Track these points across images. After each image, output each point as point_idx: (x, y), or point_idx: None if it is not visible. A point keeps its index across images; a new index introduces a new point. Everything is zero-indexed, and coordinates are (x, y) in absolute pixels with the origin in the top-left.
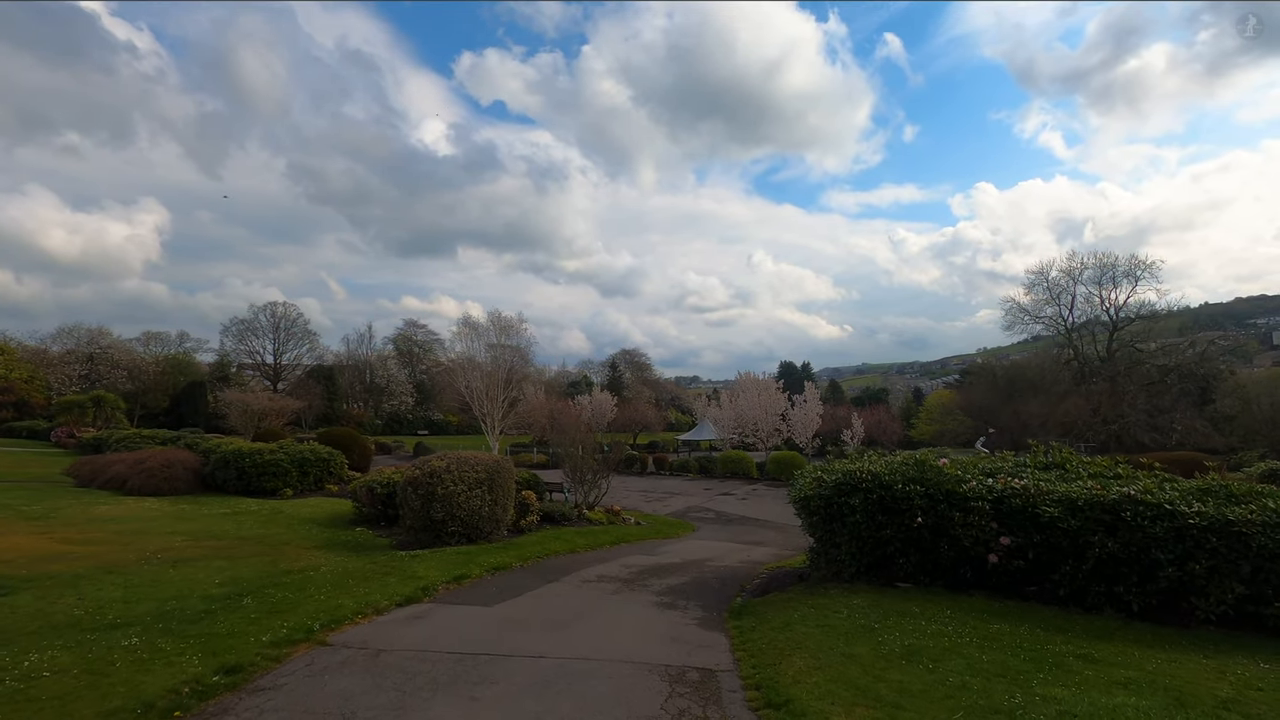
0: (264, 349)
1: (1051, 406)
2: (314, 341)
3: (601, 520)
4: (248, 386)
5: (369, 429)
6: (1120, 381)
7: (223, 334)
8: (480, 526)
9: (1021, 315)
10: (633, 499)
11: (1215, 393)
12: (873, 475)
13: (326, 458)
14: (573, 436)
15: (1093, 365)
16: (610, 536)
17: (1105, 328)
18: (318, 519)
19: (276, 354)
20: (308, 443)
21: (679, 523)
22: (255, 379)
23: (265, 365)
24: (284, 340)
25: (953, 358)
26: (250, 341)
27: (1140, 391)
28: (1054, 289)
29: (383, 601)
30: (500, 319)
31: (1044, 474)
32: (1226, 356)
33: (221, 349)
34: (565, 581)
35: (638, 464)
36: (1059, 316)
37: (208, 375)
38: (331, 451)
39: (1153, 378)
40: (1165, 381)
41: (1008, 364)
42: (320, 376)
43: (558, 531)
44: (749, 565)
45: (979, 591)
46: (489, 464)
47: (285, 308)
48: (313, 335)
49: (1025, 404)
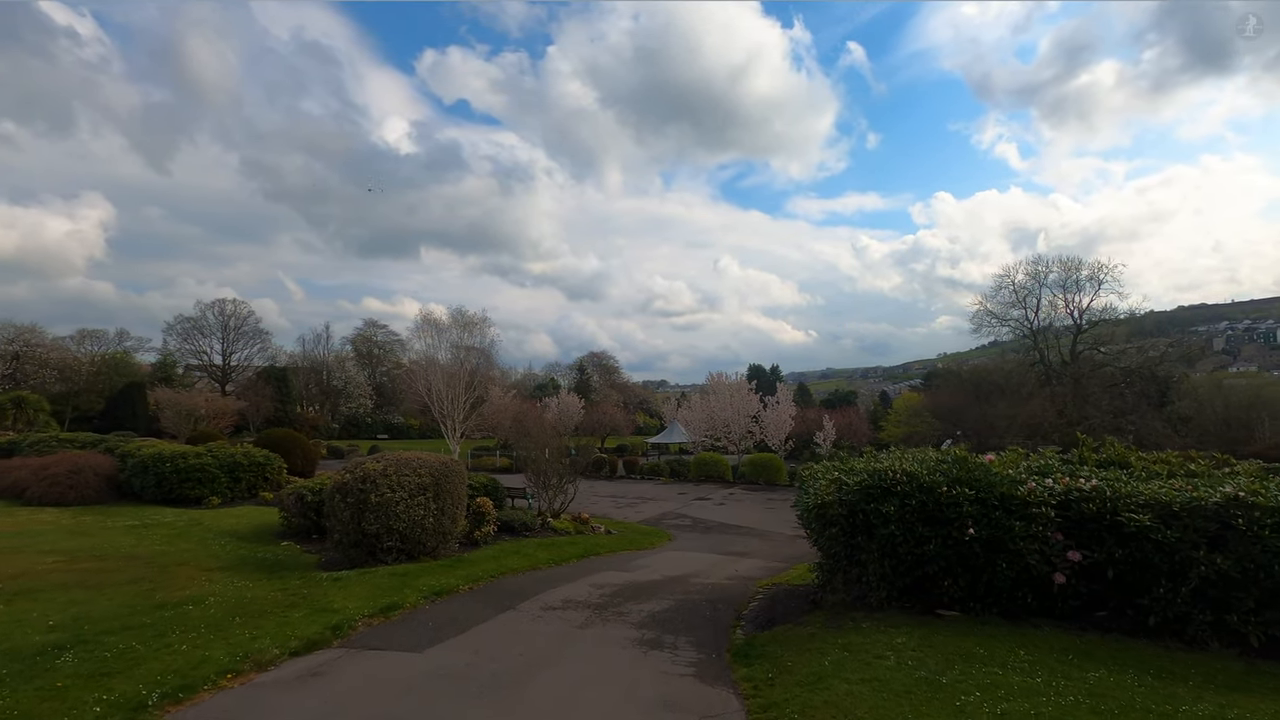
0: (212, 349)
1: (1018, 408)
2: (266, 341)
3: (568, 529)
4: (194, 388)
5: (324, 433)
6: (1084, 383)
7: (166, 333)
8: (423, 540)
9: (989, 318)
10: (602, 505)
11: (1172, 395)
12: (909, 476)
13: (262, 462)
14: (537, 438)
15: (1056, 368)
16: (578, 548)
17: (1069, 331)
18: (240, 532)
19: (225, 354)
20: (242, 445)
21: (654, 531)
22: (203, 380)
23: (213, 366)
24: (233, 340)
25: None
26: (197, 341)
27: (1103, 393)
28: (1020, 292)
29: (271, 650)
30: (464, 316)
31: (1108, 473)
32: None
33: (164, 348)
34: (523, 610)
35: (606, 467)
36: (1025, 319)
37: (148, 376)
38: (268, 455)
39: (1115, 380)
40: (1127, 383)
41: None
42: (272, 378)
43: (518, 544)
44: (739, 582)
45: (1044, 621)
46: (435, 466)
47: (235, 305)
48: (265, 335)
49: (993, 406)
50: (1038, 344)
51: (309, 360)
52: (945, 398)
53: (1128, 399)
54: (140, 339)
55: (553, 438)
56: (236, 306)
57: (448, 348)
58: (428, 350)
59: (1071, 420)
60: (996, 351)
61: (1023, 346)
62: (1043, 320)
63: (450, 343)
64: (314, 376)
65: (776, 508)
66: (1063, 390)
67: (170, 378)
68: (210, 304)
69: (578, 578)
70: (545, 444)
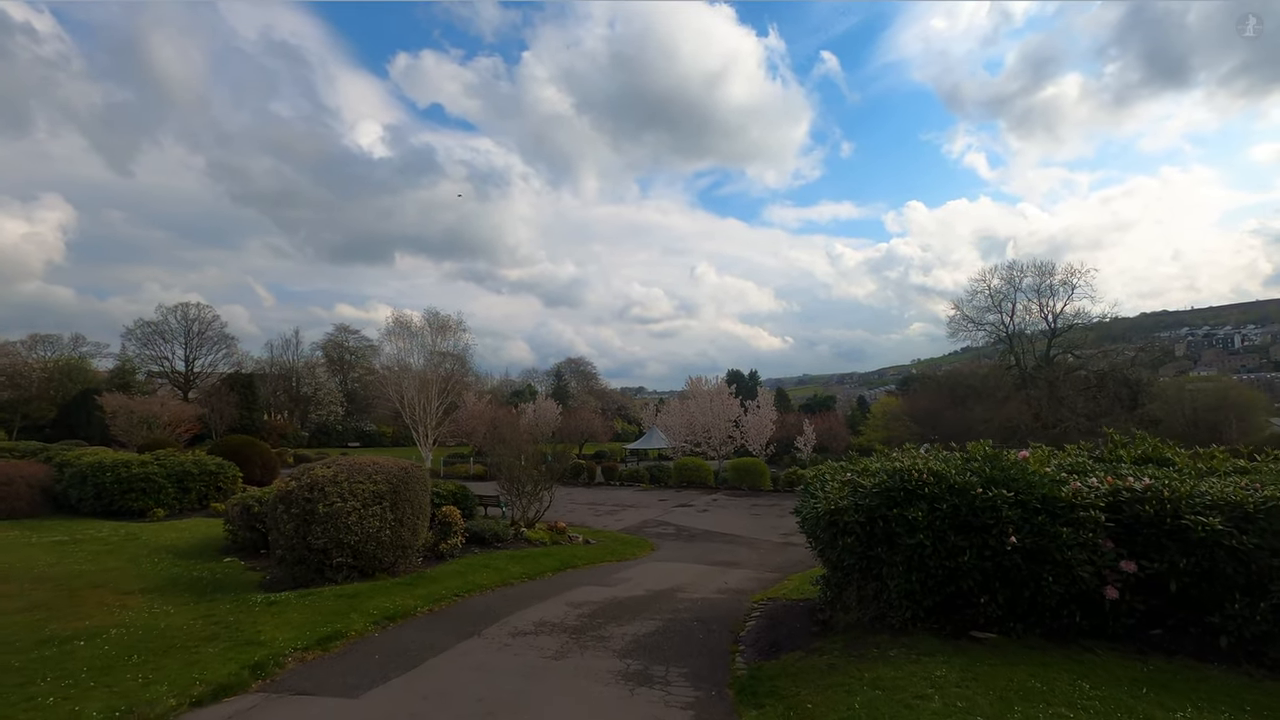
0: (174, 355)
1: (994, 411)
2: (232, 347)
3: (543, 540)
4: (155, 396)
5: (293, 441)
6: (1058, 387)
7: (125, 338)
8: (379, 555)
9: (965, 323)
10: (580, 513)
11: (1143, 398)
12: (937, 476)
13: (215, 471)
14: (511, 444)
15: (1031, 372)
16: (554, 560)
17: (1043, 335)
18: (180, 548)
19: (188, 360)
20: (193, 452)
21: (635, 540)
22: (164, 387)
23: (176, 373)
24: (197, 346)
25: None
26: (158, 347)
27: (1078, 396)
28: (995, 296)
29: (167, 699)
30: (437, 319)
31: (1158, 471)
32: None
33: (123, 354)
34: (488, 636)
35: (585, 474)
36: (1000, 323)
37: (105, 383)
38: (222, 463)
39: (1089, 383)
40: (1100, 387)
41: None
42: (237, 385)
43: (488, 557)
44: (731, 596)
45: (1094, 642)
46: (392, 472)
47: (199, 310)
48: (230, 340)
49: (970, 409)
50: (1013, 348)
51: (278, 367)
52: (923, 402)
53: (1101, 402)
54: (97, 344)
55: (528, 443)
56: (200, 311)
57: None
58: (400, 355)
59: (1047, 423)
60: (969, 357)
61: (996, 351)
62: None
63: (422, 345)
64: (283, 383)
65: (762, 514)
66: (1038, 394)
67: (129, 384)
68: (173, 308)
69: (553, 595)
70: (520, 449)
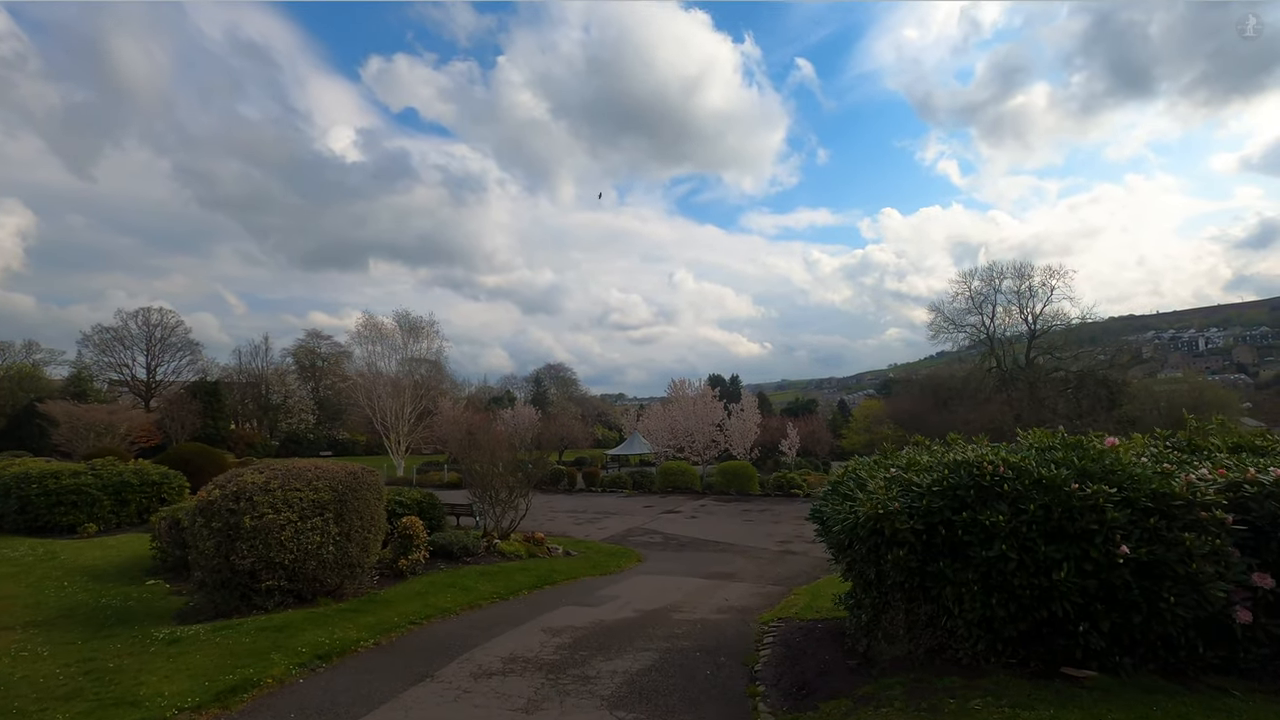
0: (134, 362)
1: (977, 412)
2: (196, 353)
3: (519, 553)
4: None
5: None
6: (1038, 388)
7: (81, 344)
8: (321, 576)
9: (946, 325)
10: (560, 521)
11: (1120, 398)
12: (1016, 469)
13: (158, 481)
14: (486, 448)
15: (1012, 372)
16: (530, 576)
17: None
18: (100, 569)
19: (150, 367)
20: (135, 462)
21: (620, 550)
22: (125, 397)
23: (138, 381)
24: (159, 352)
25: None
26: (118, 354)
27: (1058, 397)
28: (976, 298)
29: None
30: (409, 320)
31: (1261, 460)
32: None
33: (79, 361)
34: (445, 678)
35: (564, 480)
36: (981, 325)
37: (59, 392)
38: (167, 473)
39: (1068, 384)
40: (1079, 387)
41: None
42: (201, 392)
43: (454, 574)
44: (735, 616)
45: (1226, 680)
46: (338, 479)
47: (161, 314)
48: (195, 346)
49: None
50: (994, 349)
51: (246, 374)
52: (906, 404)
53: (1081, 403)
54: (52, 351)
55: (504, 449)
56: (163, 316)
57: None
58: (371, 359)
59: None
60: (945, 361)
61: (971, 355)
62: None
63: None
64: (251, 391)
65: (755, 520)
66: (1019, 395)
67: (85, 393)
68: (133, 313)
69: (528, 619)
70: (494, 453)
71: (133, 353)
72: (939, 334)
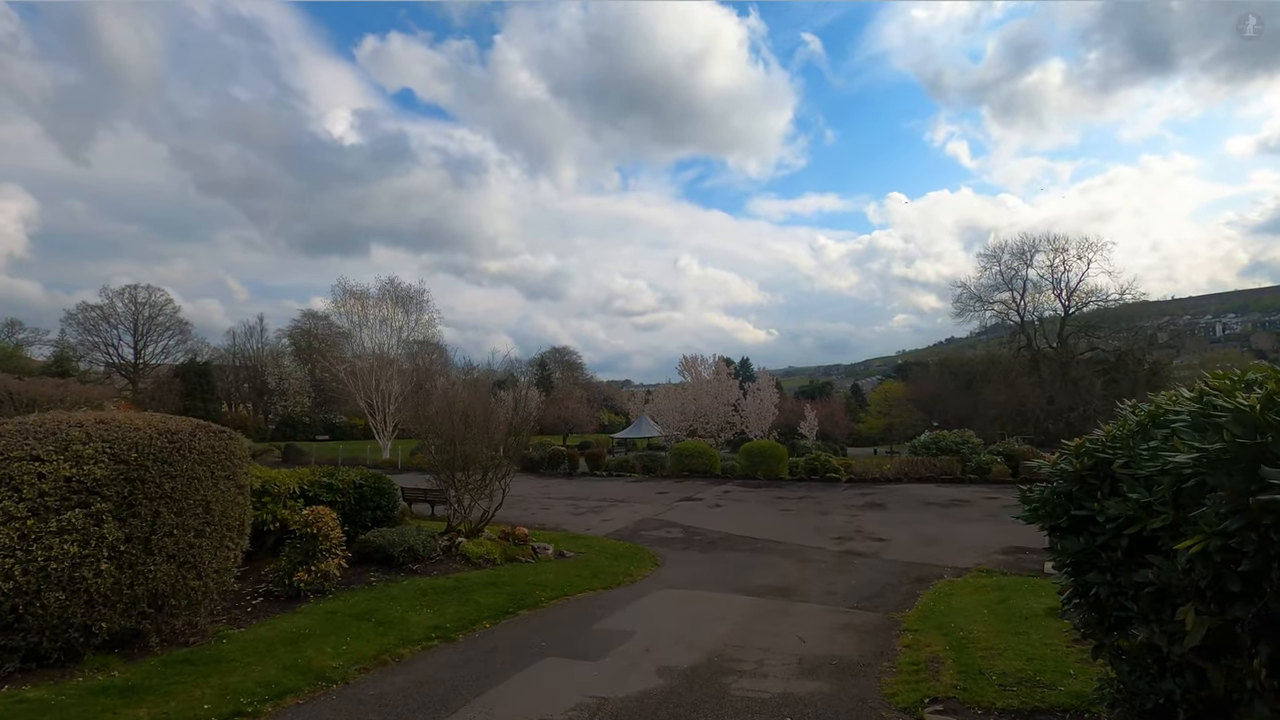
0: (120, 341)
1: (1006, 396)
2: (186, 333)
3: (491, 556)
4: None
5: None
6: (1074, 368)
7: (64, 323)
8: (90, 619)
9: (972, 301)
10: (557, 511)
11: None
12: None
13: None
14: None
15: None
16: (498, 597)
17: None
18: None
19: (137, 348)
20: None
21: (629, 550)
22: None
23: (125, 362)
24: (146, 332)
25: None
26: (104, 333)
27: (1096, 378)
28: (1006, 273)
29: None
30: (397, 288)
31: None
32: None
33: (61, 340)
34: None
35: (565, 464)
36: (1013, 301)
37: (40, 372)
38: None
39: (1108, 364)
40: (1121, 366)
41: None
42: (189, 374)
43: (381, 593)
44: (839, 684)
45: None
46: (131, 441)
47: (149, 293)
48: (184, 325)
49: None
50: (1024, 328)
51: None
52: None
53: (1122, 384)
54: (36, 330)
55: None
56: (150, 294)
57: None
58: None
59: (1062, 408)
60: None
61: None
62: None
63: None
64: (246, 373)
65: (794, 509)
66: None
67: (67, 373)
68: (119, 291)
69: (473, 695)
70: (465, 417)
71: (118, 332)
72: (964, 312)
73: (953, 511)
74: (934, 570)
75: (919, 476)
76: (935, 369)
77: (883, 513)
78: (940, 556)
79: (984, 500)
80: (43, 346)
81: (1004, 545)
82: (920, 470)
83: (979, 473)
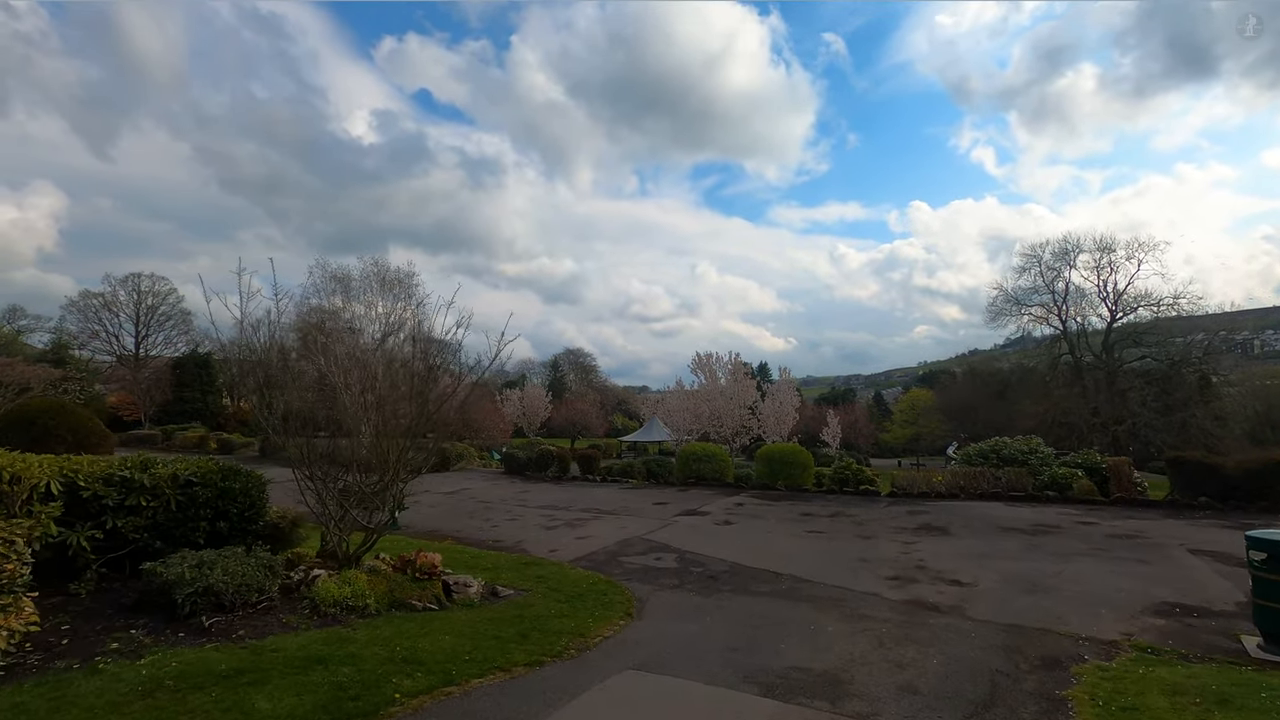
0: (121, 331)
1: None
2: (189, 324)
3: (361, 600)
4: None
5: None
6: (1122, 378)
7: (64, 310)
8: None
9: (1008, 305)
10: (524, 525)
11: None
12: None
13: None
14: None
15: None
16: (296, 703)
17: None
18: None
19: (139, 337)
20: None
21: (597, 588)
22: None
23: (126, 352)
24: (148, 321)
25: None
26: (104, 322)
27: (1147, 388)
28: (1047, 274)
29: None
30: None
31: None
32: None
33: (60, 327)
34: None
35: (554, 466)
36: (1053, 304)
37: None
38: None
39: (1159, 374)
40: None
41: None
42: (187, 365)
43: (36, 702)
44: None
45: None
46: None
47: (153, 281)
48: (188, 315)
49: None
50: (1066, 334)
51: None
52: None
53: (1176, 395)
54: (38, 318)
55: (369, 381)
56: (154, 283)
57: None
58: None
59: (1107, 421)
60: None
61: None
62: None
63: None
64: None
65: (826, 530)
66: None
67: (63, 360)
68: (122, 279)
69: None
70: (344, 380)
71: (119, 320)
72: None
73: (1043, 542)
74: (1060, 643)
75: (980, 492)
76: (964, 378)
77: (947, 540)
78: (1060, 616)
79: (1077, 526)
80: (43, 334)
81: (1151, 601)
82: (982, 484)
83: (1058, 489)
